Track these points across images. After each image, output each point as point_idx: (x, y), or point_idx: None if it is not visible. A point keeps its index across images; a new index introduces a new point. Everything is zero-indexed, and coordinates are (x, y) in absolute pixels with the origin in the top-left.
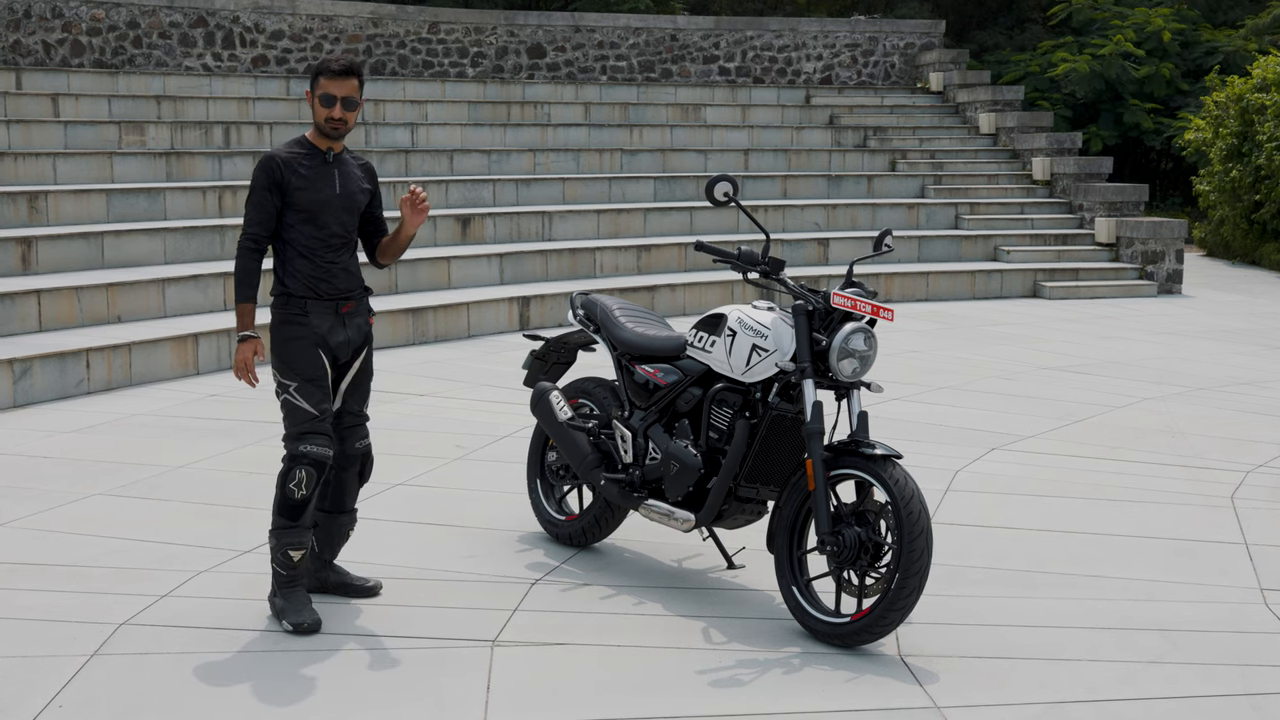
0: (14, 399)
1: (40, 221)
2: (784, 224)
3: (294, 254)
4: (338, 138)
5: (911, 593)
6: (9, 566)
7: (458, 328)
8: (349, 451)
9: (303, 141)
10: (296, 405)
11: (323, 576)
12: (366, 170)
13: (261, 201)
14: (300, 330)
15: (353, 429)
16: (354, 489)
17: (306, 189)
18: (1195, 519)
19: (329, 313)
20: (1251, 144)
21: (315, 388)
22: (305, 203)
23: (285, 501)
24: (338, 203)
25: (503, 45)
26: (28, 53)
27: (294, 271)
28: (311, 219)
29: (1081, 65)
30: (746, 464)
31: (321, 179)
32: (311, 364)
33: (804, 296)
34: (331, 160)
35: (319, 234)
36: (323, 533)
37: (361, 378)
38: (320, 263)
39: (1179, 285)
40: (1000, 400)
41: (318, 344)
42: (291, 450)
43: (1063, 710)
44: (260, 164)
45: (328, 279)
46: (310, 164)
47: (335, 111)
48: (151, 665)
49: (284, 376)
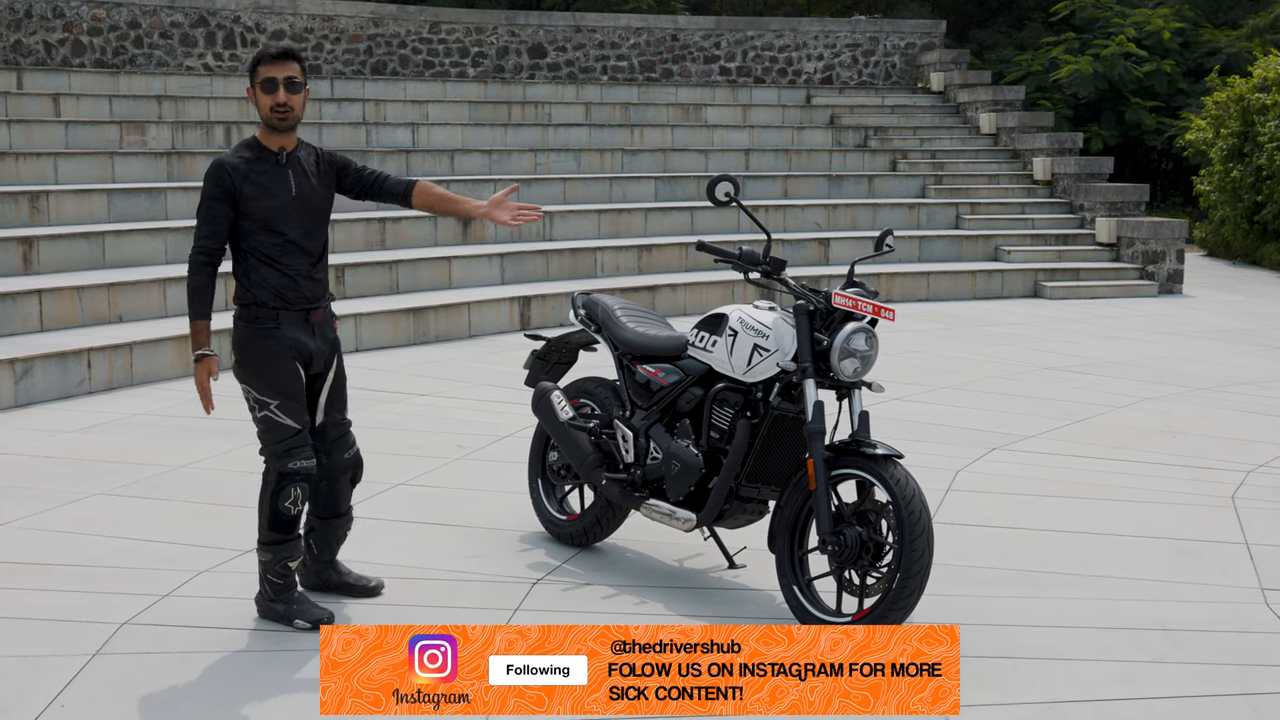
0: (15, 399)
1: (41, 221)
2: (784, 224)
3: (257, 262)
4: (287, 129)
5: (913, 592)
6: (11, 566)
7: (459, 328)
8: (338, 464)
9: (252, 144)
10: (278, 422)
11: (325, 576)
12: (324, 162)
13: (212, 213)
14: (274, 344)
15: (339, 440)
16: (347, 493)
17: (260, 196)
18: (1196, 519)
19: (299, 321)
20: (1252, 144)
21: (295, 403)
22: (261, 211)
23: (278, 518)
24: (294, 206)
25: (504, 45)
26: (29, 52)
27: (260, 280)
28: (268, 226)
29: (1084, 66)
30: (748, 464)
31: (275, 183)
32: (290, 378)
33: (805, 296)
34: (284, 161)
35: (278, 240)
36: (319, 537)
37: (337, 386)
38: (286, 270)
39: (1180, 285)
40: (1001, 400)
41: (294, 356)
42: (279, 468)
43: (1063, 710)
44: (209, 173)
45: (295, 287)
46: (262, 168)
47: (280, 96)
48: (153, 665)
49: (260, 393)
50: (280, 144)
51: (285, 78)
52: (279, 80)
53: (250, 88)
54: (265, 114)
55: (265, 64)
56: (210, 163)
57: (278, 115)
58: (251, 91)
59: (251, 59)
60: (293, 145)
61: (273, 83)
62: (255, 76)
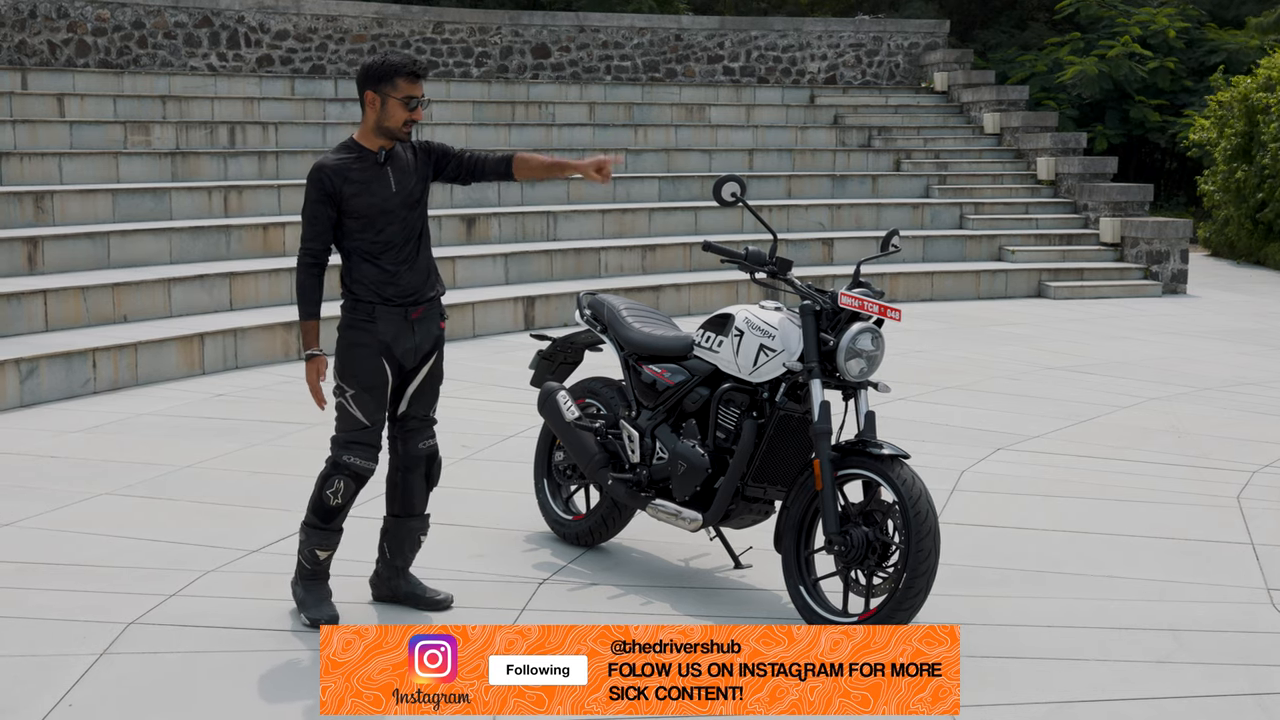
0: (21, 399)
1: (46, 221)
2: (788, 224)
3: (358, 259)
4: (409, 139)
5: (919, 592)
6: (18, 566)
7: (463, 328)
8: (413, 452)
9: (351, 145)
10: (350, 411)
11: (395, 585)
12: (421, 153)
13: (315, 215)
14: (364, 336)
15: (418, 430)
16: (422, 491)
17: (361, 194)
18: (1202, 519)
19: (397, 318)
20: (1257, 144)
21: (371, 397)
22: (362, 209)
23: (321, 504)
24: (396, 202)
25: (507, 45)
26: (33, 53)
27: (360, 277)
28: (370, 224)
29: (1089, 66)
30: (754, 464)
31: (376, 182)
32: (372, 372)
33: (811, 296)
34: (384, 160)
35: (379, 238)
36: (392, 538)
37: (430, 382)
38: (386, 266)
39: (1184, 285)
40: (1006, 400)
41: (381, 352)
42: (335, 457)
43: (1070, 710)
44: (311, 176)
45: (394, 283)
46: (362, 167)
47: (417, 114)
48: (160, 664)
49: (342, 380)
50: (380, 144)
51: (421, 97)
52: (419, 99)
53: (372, 93)
54: (395, 125)
55: (408, 81)
56: (310, 166)
57: (407, 130)
58: (375, 98)
59: (381, 66)
60: (391, 144)
61: (414, 100)
62: (392, 88)
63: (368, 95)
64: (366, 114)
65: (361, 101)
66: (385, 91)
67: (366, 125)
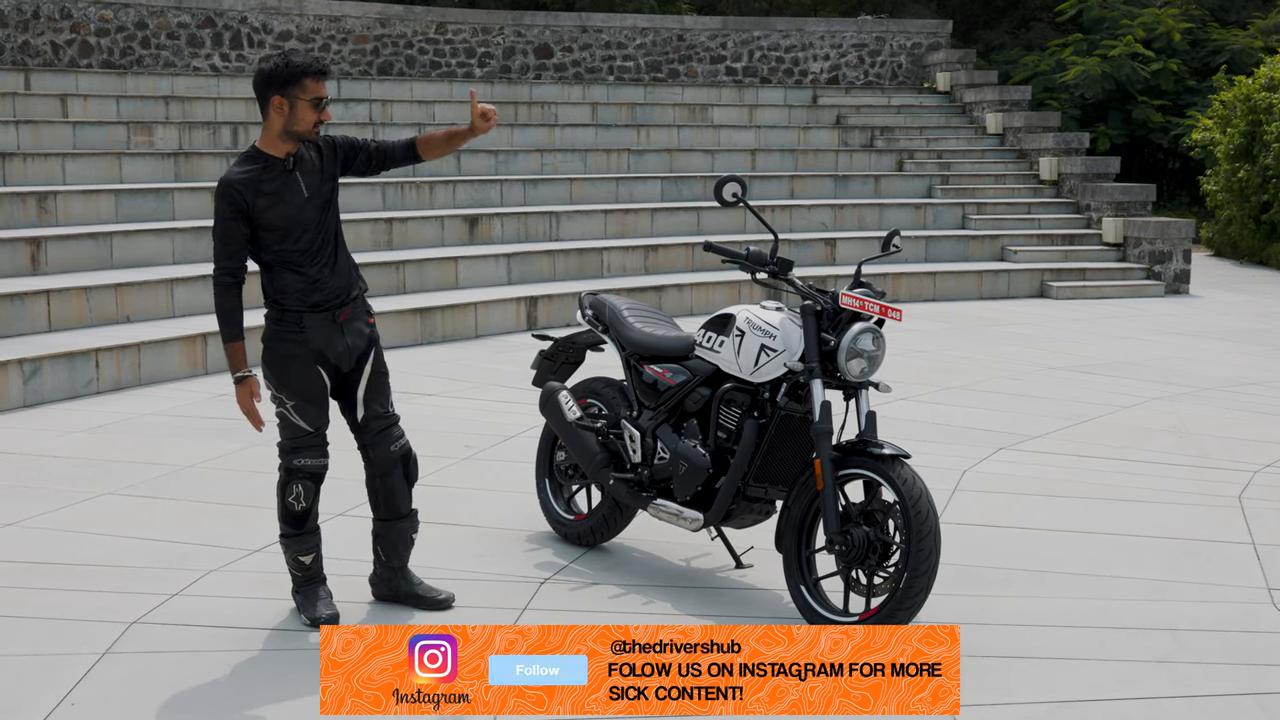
0: (24, 399)
1: (49, 222)
2: (791, 224)
3: (279, 269)
4: (317, 140)
5: (920, 592)
6: (20, 566)
7: (465, 328)
8: (386, 457)
9: (255, 154)
10: (292, 420)
11: (395, 585)
12: (325, 149)
13: (229, 232)
14: (295, 348)
15: (383, 432)
16: (404, 491)
17: (275, 205)
18: (1203, 519)
19: (325, 323)
20: (1259, 144)
21: (311, 405)
22: (277, 220)
23: (287, 512)
24: (311, 207)
25: (510, 45)
26: (36, 53)
27: (283, 286)
28: (287, 234)
29: (1092, 67)
30: (755, 464)
31: (288, 190)
32: (309, 380)
33: (812, 296)
34: (291, 166)
35: (297, 246)
36: (384, 541)
37: (376, 380)
38: (308, 273)
39: (1186, 285)
40: (1008, 400)
41: (316, 360)
42: (286, 464)
43: (1071, 710)
44: (220, 192)
45: (319, 289)
46: (271, 177)
47: (326, 114)
48: (163, 664)
49: (280, 391)
50: (286, 149)
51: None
52: (325, 98)
53: (279, 97)
54: (304, 128)
55: (315, 80)
56: (218, 182)
57: (316, 131)
58: (282, 102)
59: (286, 69)
60: (297, 148)
61: (322, 101)
62: (299, 90)
63: (274, 100)
64: (272, 119)
65: (265, 107)
66: (293, 94)
67: (271, 131)
